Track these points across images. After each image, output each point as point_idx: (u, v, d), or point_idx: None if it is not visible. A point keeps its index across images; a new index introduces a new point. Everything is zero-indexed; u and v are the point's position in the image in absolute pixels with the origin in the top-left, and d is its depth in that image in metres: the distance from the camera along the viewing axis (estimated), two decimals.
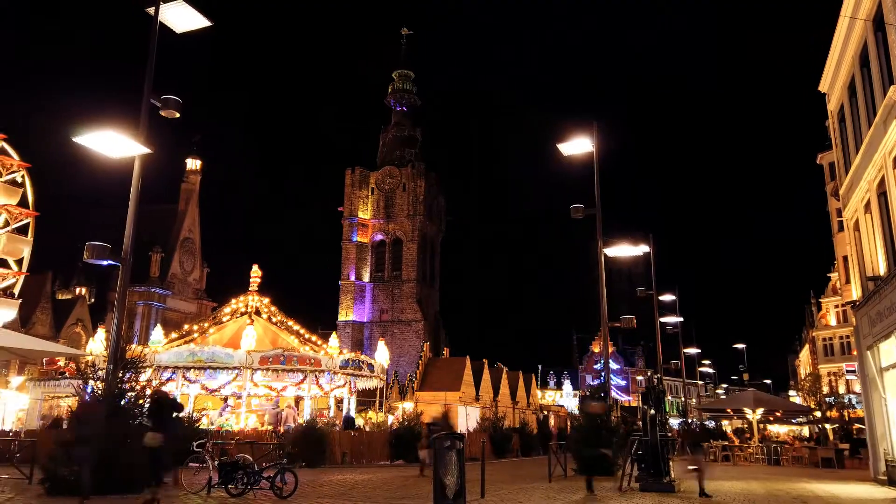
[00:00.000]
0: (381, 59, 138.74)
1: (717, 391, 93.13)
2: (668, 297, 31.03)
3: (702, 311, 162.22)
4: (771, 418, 35.60)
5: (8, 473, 14.47)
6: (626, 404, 70.00)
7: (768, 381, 78.92)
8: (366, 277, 71.46)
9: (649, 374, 74.79)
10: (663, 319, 30.85)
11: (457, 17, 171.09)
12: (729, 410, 35.40)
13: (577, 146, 17.96)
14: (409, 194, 72.47)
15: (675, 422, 49.26)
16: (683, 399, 44.48)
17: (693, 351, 43.45)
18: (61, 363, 27.45)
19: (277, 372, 26.10)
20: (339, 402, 31.05)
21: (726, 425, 45.77)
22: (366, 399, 33.21)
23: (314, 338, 30.99)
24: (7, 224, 33.34)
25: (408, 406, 38.56)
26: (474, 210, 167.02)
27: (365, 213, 73.02)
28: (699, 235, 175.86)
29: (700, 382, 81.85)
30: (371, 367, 30.16)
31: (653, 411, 14.65)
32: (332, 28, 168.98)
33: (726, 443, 31.40)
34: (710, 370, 77.00)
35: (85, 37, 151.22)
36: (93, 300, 59.80)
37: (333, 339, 30.80)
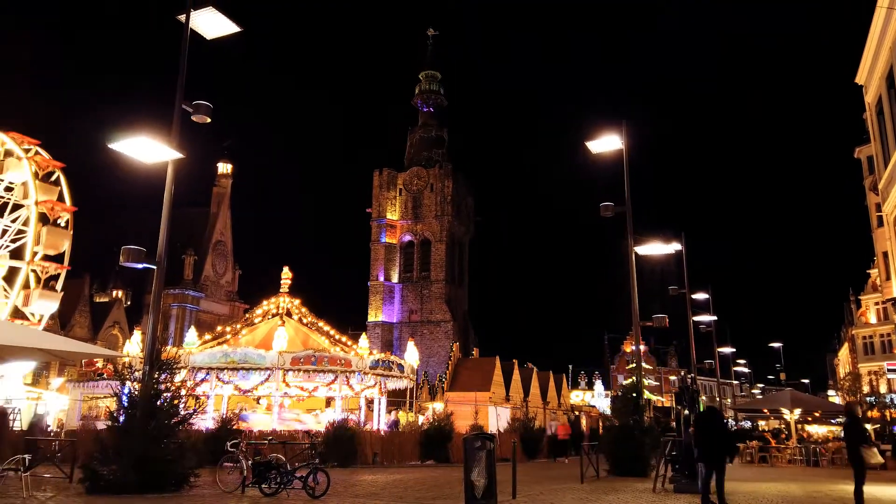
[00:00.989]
0: (407, 61, 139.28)
1: (753, 391, 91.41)
2: (700, 296, 30.52)
3: (737, 309, 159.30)
4: (809, 419, 34.79)
5: (49, 472, 14.84)
6: (659, 404, 69.08)
7: (806, 381, 77.11)
8: (394, 278, 71.74)
9: (682, 373, 73.70)
10: (696, 318, 30.36)
11: (483, 15, 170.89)
12: (765, 411, 34.70)
13: (606, 144, 17.78)
14: (436, 195, 72.56)
15: None
16: (718, 399, 43.65)
17: (727, 350, 42.73)
18: (99, 365, 28.07)
19: (309, 372, 26.35)
20: (370, 402, 31.22)
21: (762, 426, 44.86)
22: (396, 399, 33.33)
23: (344, 339, 31.22)
24: (46, 220, 34.28)
25: (438, 406, 38.59)
26: (503, 209, 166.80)
27: (393, 214, 73.31)
28: (733, 232, 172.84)
29: (735, 382, 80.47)
30: (401, 367, 30.26)
31: (687, 411, 14.43)
32: (357, 30, 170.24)
33: (763, 444, 30.76)
34: (746, 370, 75.58)
35: (118, 45, 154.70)
36: (129, 303, 61.04)
37: (363, 339, 30.98)
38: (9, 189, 35.23)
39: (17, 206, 34.94)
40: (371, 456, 22.85)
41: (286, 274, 30.98)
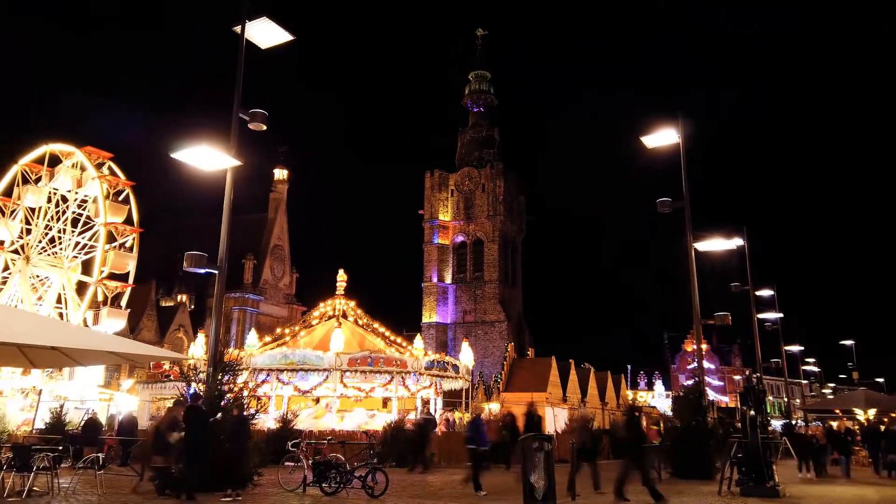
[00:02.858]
0: (456, 61, 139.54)
1: (824, 391, 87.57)
2: (766, 293, 29.41)
3: (805, 306, 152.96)
4: (885, 419, 33.10)
5: (122, 471, 15.49)
6: (723, 405, 67.03)
7: (881, 380, 73.30)
8: (448, 279, 71.93)
9: (747, 373, 71.22)
10: (761, 316, 29.29)
11: (534, 12, 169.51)
12: (837, 411, 33.21)
13: (662, 138, 17.39)
14: (488, 195, 72.41)
15: (777, 423, 46.71)
16: (786, 399, 42.04)
17: (795, 349, 41.06)
18: (166, 367, 29.14)
19: (365, 373, 26.68)
20: (426, 402, 31.40)
21: (835, 427, 42.87)
22: (451, 400, 33.41)
23: (399, 339, 31.51)
24: (114, 240, 35.80)
25: (494, 407, 38.49)
26: (557, 208, 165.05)
27: (445, 216, 73.53)
28: (801, 225, 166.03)
29: (804, 382, 77.26)
30: (456, 368, 30.31)
31: (753, 412, 13.92)
32: (406, 33, 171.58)
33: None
34: (815, 368, 72.48)
35: (175, 56, 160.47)
36: (192, 306, 63.11)
37: (418, 340, 31.20)
38: (83, 203, 36.94)
39: (89, 220, 36.61)
40: (428, 456, 22.93)
41: (341, 276, 31.48)
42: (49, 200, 37.25)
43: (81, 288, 35.90)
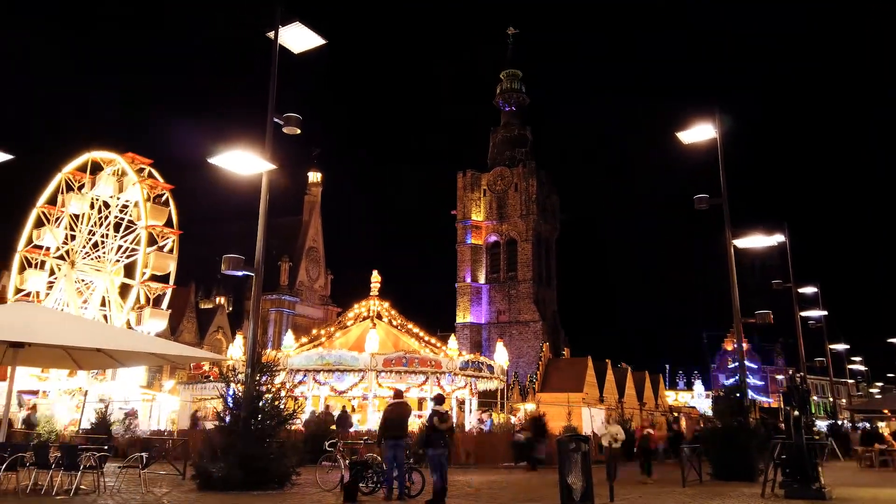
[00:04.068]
0: (487, 61, 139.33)
1: (871, 390, 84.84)
2: (809, 290, 28.64)
3: (850, 303, 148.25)
4: None
5: (164, 470, 15.83)
6: (766, 405, 65.54)
7: None
8: (481, 279, 71.81)
9: (791, 372, 69.50)
10: (804, 313, 28.53)
11: (564, 9, 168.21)
12: (886, 411, 32.15)
13: (699, 133, 17.09)
14: (521, 194, 72.09)
15: (822, 424, 45.46)
16: (832, 399, 40.88)
17: (840, 347, 39.90)
18: (206, 368, 29.70)
19: (400, 374, 26.80)
20: (461, 403, 31.38)
21: (882, 427, 41.54)
22: (487, 400, 33.33)
23: (433, 340, 31.57)
24: (154, 242, 36.67)
25: (530, 407, 38.29)
26: (591, 206, 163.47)
27: (478, 216, 73.43)
28: (845, 220, 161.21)
29: (850, 381, 74.98)
30: (491, 368, 30.23)
31: (797, 412, 13.55)
32: (437, 33, 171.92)
33: (884, 446, 28.48)
34: (861, 367, 70.30)
35: (208, 62, 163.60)
36: (231, 309, 64.30)
37: (452, 340, 31.19)
38: (125, 207, 37.95)
39: (130, 224, 37.58)
40: (465, 456, 22.93)
41: (375, 277, 31.68)
42: (91, 207, 38.35)
43: (124, 290, 36.85)
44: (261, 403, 12.77)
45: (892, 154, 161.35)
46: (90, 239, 38.12)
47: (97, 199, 38.45)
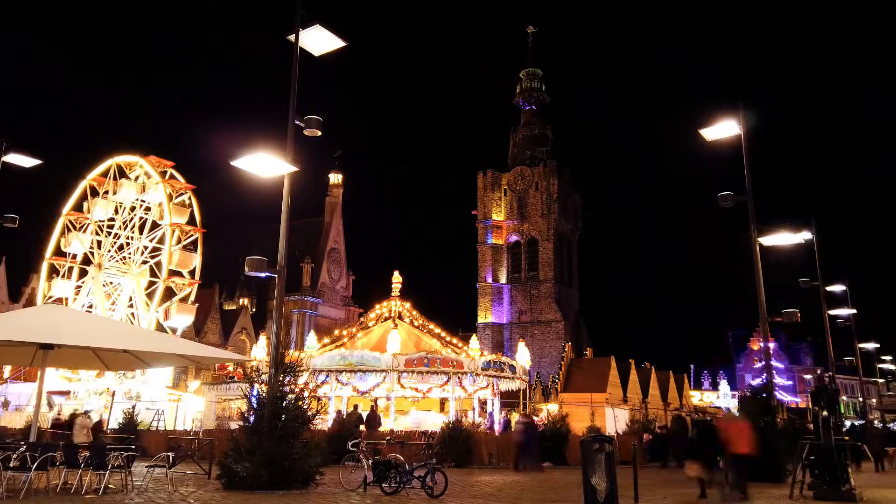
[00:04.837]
0: (506, 60, 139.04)
1: None
2: (837, 288, 28.05)
3: (880, 301, 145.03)
4: None
5: (190, 469, 16.02)
6: (794, 406, 64.48)
7: None
8: (503, 279, 71.65)
9: (819, 372, 68.33)
10: (832, 312, 27.97)
11: (584, 5, 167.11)
12: None
13: (722, 130, 16.86)
14: (542, 193, 71.79)
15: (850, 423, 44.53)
16: (861, 399, 40.15)
17: (870, 346, 39.09)
18: (230, 368, 30.03)
19: (422, 374, 26.83)
20: (483, 403, 31.32)
21: None
22: (509, 400, 33.24)
23: (455, 340, 31.56)
24: (179, 241, 37.23)
25: (552, 407, 38.09)
26: (613, 204, 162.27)
27: (498, 215, 73.28)
28: (873, 217, 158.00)
29: (881, 381, 73.41)
30: (513, 368, 30.13)
31: (826, 413, 13.30)
32: (456, 33, 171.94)
33: None
34: (892, 367, 68.80)
35: (230, 65, 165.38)
36: (254, 310, 64.92)
37: (474, 340, 31.15)
38: (148, 209, 38.62)
39: (154, 224, 38.22)
40: (487, 456, 22.88)
41: (397, 278, 31.77)
42: (116, 211, 39.05)
43: (151, 291, 37.46)
44: (284, 404, 12.85)
45: None
46: (115, 242, 38.80)
47: (121, 204, 39.14)
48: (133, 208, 38.86)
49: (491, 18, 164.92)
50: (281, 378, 13.02)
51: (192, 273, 37.85)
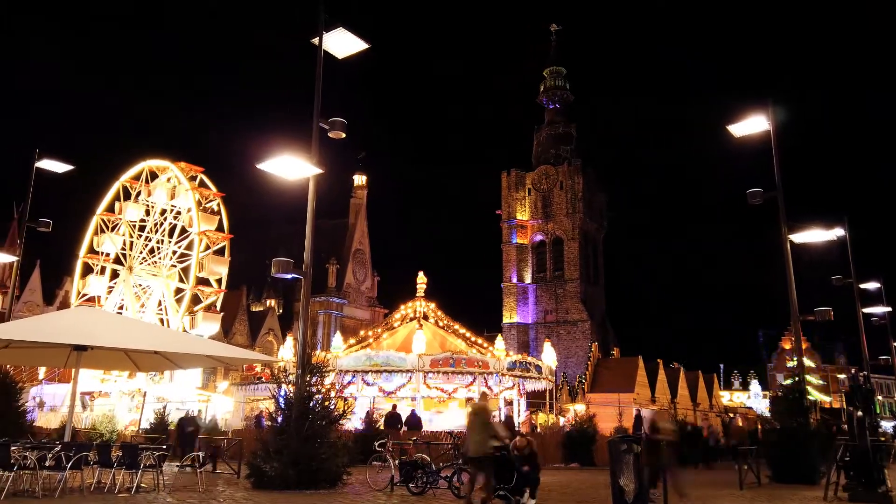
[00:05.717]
0: (530, 58, 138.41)
1: None
2: (871, 285, 27.40)
3: None
4: None
5: (220, 469, 16.24)
6: (827, 406, 63.14)
7: None
8: (527, 279, 71.36)
9: (853, 371, 66.83)
10: (867, 310, 27.32)
11: (606, 3, 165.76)
12: None
13: (751, 126, 16.61)
14: (566, 192, 71.35)
15: (887, 424, 43.57)
16: None
17: None
18: (258, 369, 30.34)
19: (448, 374, 26.83)
20: (509, 403, 31.23)
21: None
22: (535, 401, 33.09)
23: (480, 340, 31.52)
24: (207, 248, 37.70)
25: (579, 408, 37.84)
26: (639, 202, 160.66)
27: (523, 215, 73.00)
28: None
29: None
30: (539, 368, 29.99)
31: (860, 413, 13.00)
32: (479, 32, 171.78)
33: None
34: None
35: (253, 69, 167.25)
36: (281, 311, 65.54)
37: (499, 341, 31.06)
38: (178, 214, 39.19)
39: (183, 230, 38.78)
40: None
41: (421, 278, 31.83)
42: (147, 213, 39.72)
43: (179, 294, 38.06)
44: (311, 404, 12.95)
45: None
46: (146, 245, 39.48)
47: (153, 206, 39.80)
48: (164, 212, 39.49)
49: (512, 17, 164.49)
50: (308, 378, 13.12)
51: (219, 282, 38.29)
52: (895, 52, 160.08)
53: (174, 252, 38.84)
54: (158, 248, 39.43)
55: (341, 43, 14.49)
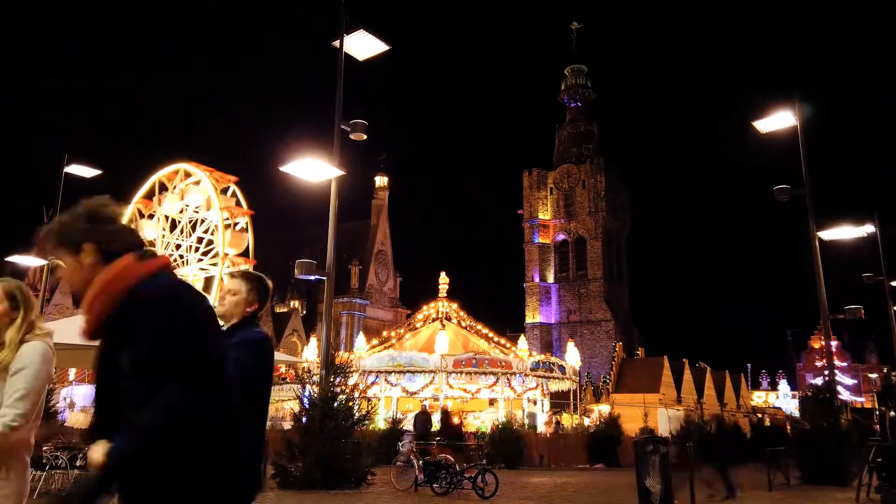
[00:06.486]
0: (551, 57, 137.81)
1: None
2: None
3: None
4: None
5: None
6: (858, 406, 61.91)
7: None
8: (550, 278, 71.03)
9: (885, 371, 65.43)
10: None
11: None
12: None
13: (777, 122, 16.33)
14: (589, 191, 70.88)
15: None
16: None
17: None
18: (283, 370, 30.62)
19: (471, 374, 26.83)
20: (533, 403, 31.11)
21: None
22: (559, 401, 32.93)
23: (503, 340, 31.45)
24: (228, 225, 37.72)
25: (604, 408, 37.55)
26: (663, 201, 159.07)
27: (545, 214, 72.68)
28: None
29: None
30: (562, 368, 29.84)
31: (893, 413, 12.75)
32: (500, 31, 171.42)
33: None
34: None
35: (274, 72, 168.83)
36: (304, 312, 66.11)
37: (522, 341, 30.98)
38: (207, 229, 39.34)
39: (201, 221, 38.95)
40: (538, 458, 22.72)
41: (443, 279, 31.87)
42: (181, 212, 40.08)
43: (207, 286, 38.22)
44: (335, 404, 13.02)
45: None
46: (177, 248, 39.89)
47: (186, 208, 40.11)
48: (193, 217, 39.69)
49: (533, 16, 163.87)
50: (332, 379, 13.20)
51: (245, 254, 38.28)
52: None
53: (197, 247, 39.11)
54: (183, 258, 39.77)
55: (362, 45, 14.54)
